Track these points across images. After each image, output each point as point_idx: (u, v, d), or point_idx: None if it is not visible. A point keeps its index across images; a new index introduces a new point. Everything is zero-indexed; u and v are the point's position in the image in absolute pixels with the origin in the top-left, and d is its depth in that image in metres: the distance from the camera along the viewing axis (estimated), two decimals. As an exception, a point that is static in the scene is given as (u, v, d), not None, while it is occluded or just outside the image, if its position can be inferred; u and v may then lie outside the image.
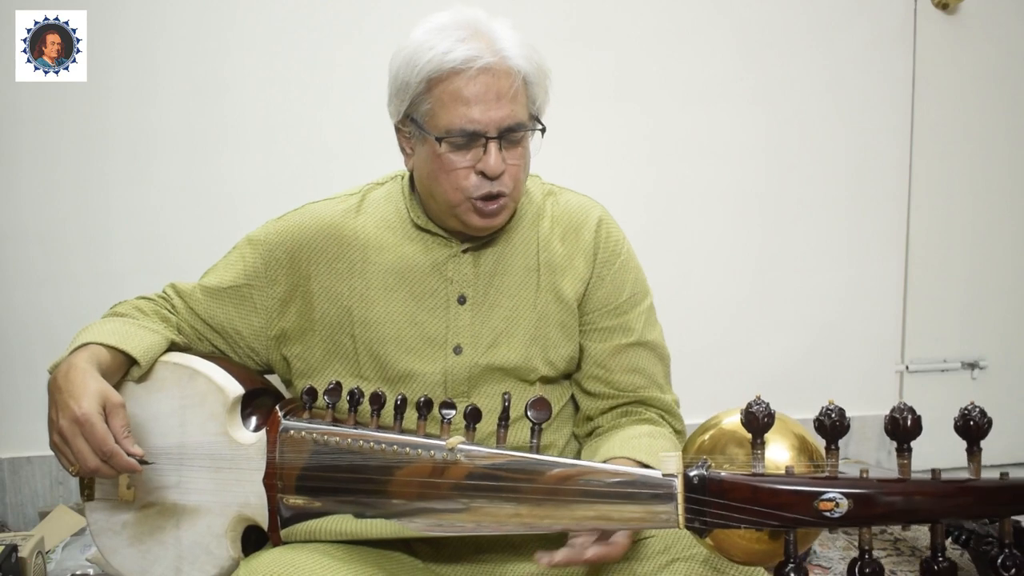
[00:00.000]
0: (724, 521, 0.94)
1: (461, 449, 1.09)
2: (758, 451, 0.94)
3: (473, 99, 1.17)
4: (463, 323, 1.28)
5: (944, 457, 1.29)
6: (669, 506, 0.97)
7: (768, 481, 0.92)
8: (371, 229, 1.31)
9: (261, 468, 1.18)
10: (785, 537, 0.93)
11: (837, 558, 1.99)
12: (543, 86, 1.25)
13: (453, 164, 1.20)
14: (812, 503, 0.90)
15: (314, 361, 1.31)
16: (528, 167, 1.27)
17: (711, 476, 0.95)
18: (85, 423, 1.11)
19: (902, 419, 0.89)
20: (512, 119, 1.19)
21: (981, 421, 0.90)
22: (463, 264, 1.29)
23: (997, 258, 2.50)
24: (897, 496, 0.89)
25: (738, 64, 2.30)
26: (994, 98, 2.44)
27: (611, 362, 1.32)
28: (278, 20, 2.08)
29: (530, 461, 1.06)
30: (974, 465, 0.90)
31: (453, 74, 1.17)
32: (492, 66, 1.17)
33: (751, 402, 0.94)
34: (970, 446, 0.90)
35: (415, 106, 1.21)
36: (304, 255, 1.30)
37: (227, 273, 1.33)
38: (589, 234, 1.33)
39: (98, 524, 1.28)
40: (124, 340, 1.22)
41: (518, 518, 1.05)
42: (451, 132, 1.18)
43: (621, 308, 1.33)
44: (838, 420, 0.92)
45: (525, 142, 1.24)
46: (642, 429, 1.28)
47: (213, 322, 1.33)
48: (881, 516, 0.90)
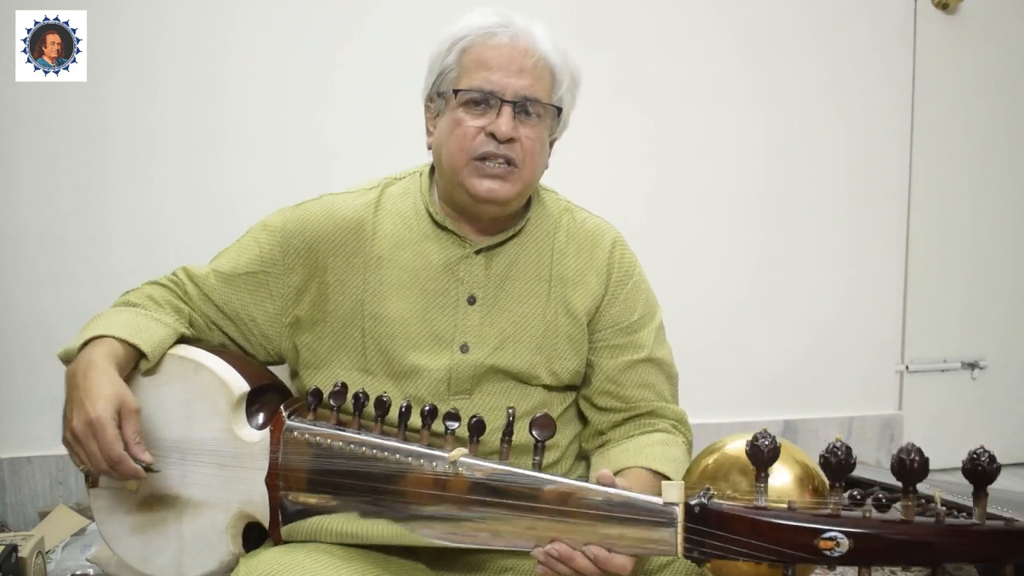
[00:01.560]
0: (723, 553, 0.94)
1: (463, 462, 1.09)
2: (761, 484, 0.94)
3: (496, 65, 1.22)
4: (471, 323, 1.29)
5: (942, 458, 1.30)
6: (669, 534, 0.97)
7: (769, 515, 0.92)
8: (389, 226, 1.31)
9: (264, 467, 1.19)
10: (783, 572, 0.93)
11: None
12: (570, 89, 1.29)
13: (464, 122, 1.23)
14: (813, 541, 0.90)
15: (322, 352, 1.31)
16: (543, 155, 1.29)
17: (712, 507, 0.95)
18: (98, 426, 1.11)
19: (909, 460, 0.88)
20: (531, 91, 1.23)
21: (989, 467, 0.88)
22: (475, 265, 1.30)
23: (997, 258, 2.50)
24: (899, 537, 0.88)
25: (738, 64, 2.30)
26: (994, 98, 2.44)
27: (622, 377, 1.33)
28: (278, 20, 2.08)
29: (532, 479, 1.06)
30: (979, 509, 0.89)
31: (481, 42, 1.23)
32: (518, 39, 1.23)
33: (757, 434, 0.94)
34: (976, 490, 0.89)
35: (443, 76, 1.26)
36: (323, 247, 1.30)
37: (241, 258, 1.32)
38: (603, 254, 1.35)
39: (102, 511, 1.28)
40: (136, 334, 1.21)
41: (516, 534, 1.06)
42: (471, 88, 1.23)
43: (632, 327, 1.34)
44: (844, 458, 0.90)
45: (542, 126, 1.26)
46: (655, 438, 1.29)
47: (227, 308, 1.32)
48: (882, 557, 0.89)
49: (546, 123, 1.27)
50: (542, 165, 1.30)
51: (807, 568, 0.97)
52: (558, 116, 1.29)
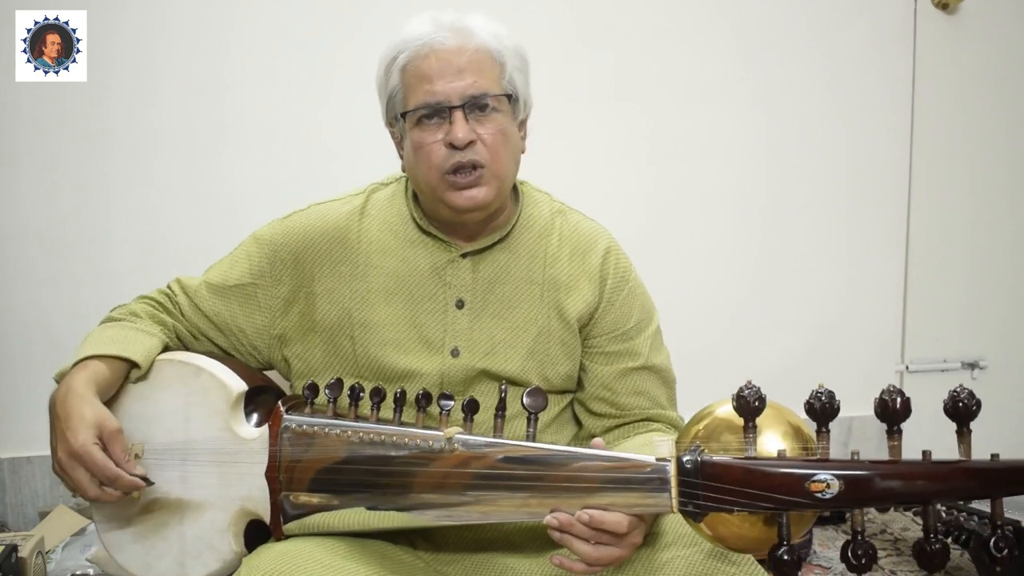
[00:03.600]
0: (717, 504, 0.95)
1: (458, 439, 1.10)
2: (750, 435, 0.96)
3: (435, 75, 1.20)
4: (461, 327, 1.29)
5: (945, 456, 1.30)
6: (663, 490, 0.98)
7: (760, 464, 0.94)
8: (375, 232, 1.31)
9: (263, 462, 1.19)
10: (778, 520, 0.94)
11: (837, 559, 1.99)
12: (518, 68, 1.26)
13: (425, 141, 1.22)
14: (803, 484, 0.92)
15: (314, 362, 1.32)
16: (511, 145, 1.26)
17: (704, 460, 0.96)
18: (84, 456, 1.13)
19: (891, 401, 0.91)
20: (476, 88, 1.21)
21: (970, 403, 0.91)
22: (461, 269, 1.30)
23: (997, 258, 2.50)
24: (888, 478, 0.90)
25: (738, 64, 2.30)
26: (994, 98, 2.44)
27: (617, 384, 1.33)
28: (278, 20, 2.08)
29: (527, 449, 1.07)
30: (964, 446, 0.91)
31: (414, 55, 1.21)
32: (449, 41, 1.21)
33: (742, 387, 0.96)
34: (960, 427, 0.91)
35: (394, 100, 1.25)
36: (309, 257, 1.31)
37: (233, 271, 1.34)
38: (596, 259, 1.33)
39: (103, 520, 1.29)
40: (124, 347, 1.23)
41: (517, 506, 1.07)
42: (417, 107, 1.21)
43: (628, 334, 1.34)
44: (828, 403, 0.93)
45: (500, 116, 1.23)
46: (650, 437, 1.28)
47: (217, 319, 1.33)
48: (872, 497, 0.91)
49: (504, 111, 1.24)
50: (512, 156, 1.27)
51: (802, 517, 0.98)
52: (514, 100, 1.26)
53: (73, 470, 1.14)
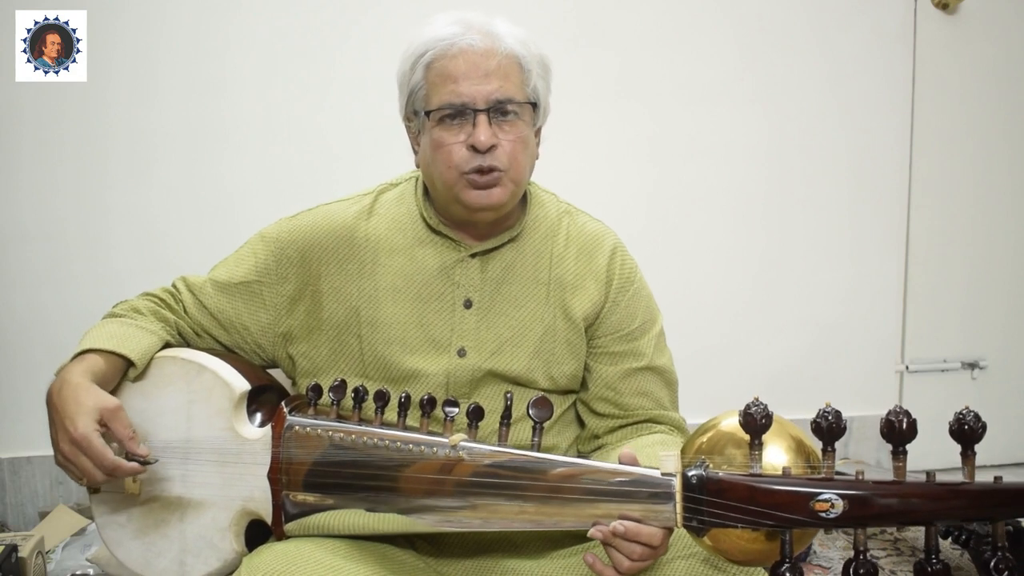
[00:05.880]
0: (721, 520, 0.95)
1: (463, 446, 1.10)
2: (756, 452, 0.95)
3: (461, 76, 1.20)
4: (468, 327, 1.29)
5: (943, 457, 1.29)
6: (667, 505, 0.98)
7: (765, 482, 0.94)
8: (383, 231, 1.31)
9: (266, 463, 1.19)
10: (781, 537, 0.94)
11: (837, 558, 2.00)
12: (541, 75, 1.26)
13: (445, 141, 1.21)
14: (808, 504, 0.91)
15: (320, 361, 1.31)
16: (529, 151, 1.27)
17: (709, 476, 0.96)
18: (83, 442, 1.13)
19: (898, 422, 0.90)
20: (502, 93, 1.20)
21: (976, 425, 0.90)
22: (470, 269, 1.30)
23: (997, 258, 2.50)
24: (892, 498, 0.90)
25: (739, 64, 2.30)
26: (994, 98, 2.44)
27: (621, 385, 1.33)
28: (278, 20, 2.08)
29: (532, 459, 1.07)
30: (968, 468, 0.91)
31: (442, 54, 1.21)
32: (479, 43, 1.20)
33: (749, 403, 0.95)
34: (964, 450, 0.91)
35: (415, 96, 1.24)
36: (315, 255, 1.31)
37: (238, 268, 1.34)
38: (603, 259, 1.33)
39: (103, 517, 1.28)
40: (121, 343, 1.23)
41: (522, 515, 1.07)
42: (441, 107, 1.21)
43: (632, 335, 1.34)
44: (835, 422, 0.92)
45: (521, 123, 1.24)
46: (655, 438, 1.29)
47: (222, 317, 1.33)
48: (876, 517, 0.91)
49: (525, 119, 1.25)
50: (529, 162, 1.28)
51: (804, 534, 0.98)
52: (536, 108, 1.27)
53: (76, 457, 1.14)
